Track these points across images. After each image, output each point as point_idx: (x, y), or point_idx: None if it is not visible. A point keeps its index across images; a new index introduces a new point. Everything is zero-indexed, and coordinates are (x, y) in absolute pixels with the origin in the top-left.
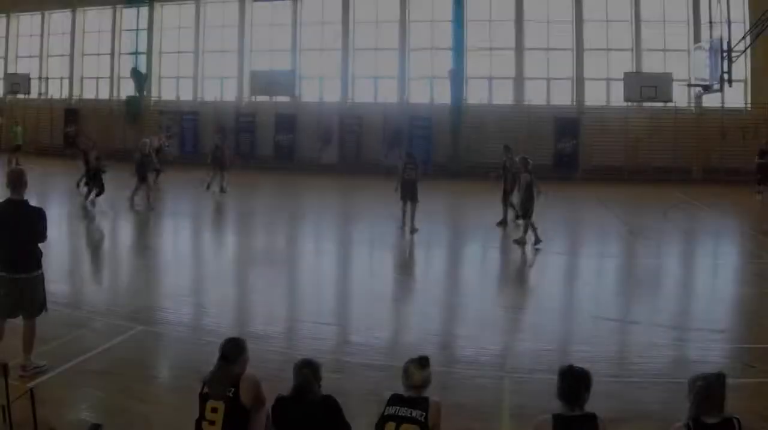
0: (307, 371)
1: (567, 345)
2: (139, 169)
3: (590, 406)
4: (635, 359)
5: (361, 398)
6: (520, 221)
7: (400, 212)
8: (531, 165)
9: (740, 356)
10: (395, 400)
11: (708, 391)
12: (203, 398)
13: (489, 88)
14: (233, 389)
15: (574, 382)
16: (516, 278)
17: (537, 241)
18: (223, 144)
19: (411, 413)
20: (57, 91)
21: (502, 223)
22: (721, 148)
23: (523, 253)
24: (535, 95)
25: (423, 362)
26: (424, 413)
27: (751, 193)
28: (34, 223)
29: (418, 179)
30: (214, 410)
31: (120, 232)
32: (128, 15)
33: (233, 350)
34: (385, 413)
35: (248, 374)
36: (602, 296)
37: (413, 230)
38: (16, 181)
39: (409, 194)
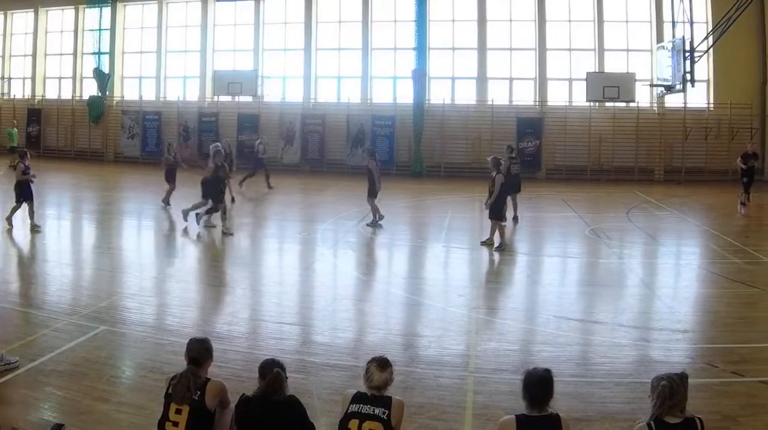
0: (279, 370)
1: (530, 345)
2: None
3: (554, 406)
4: (598, 359)
5: (324, 397)
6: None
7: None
8: (503, 165)
9: (703, 356)
10: (359, 398)
11: (671, 391)
12: (168, 399)
13: (452, 88)
14: (199, 393)
15: (537, 383)
16: (479, 279)
17: (500, 246)
18: (174, 155)
19: (374, 411)
20: (20, 91)
21: (515, 219)
22: (683, 148)
23: (490, 254)
24: (498, 95)
25: (382, 363)
26: (387, 411)
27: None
28: None
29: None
30: (178, 411)
31: (83, 233)
32: (91, 15)
33: (201, 353)
34: (349, 411)
35: (215, 381)
36: (565, 296)
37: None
38: None
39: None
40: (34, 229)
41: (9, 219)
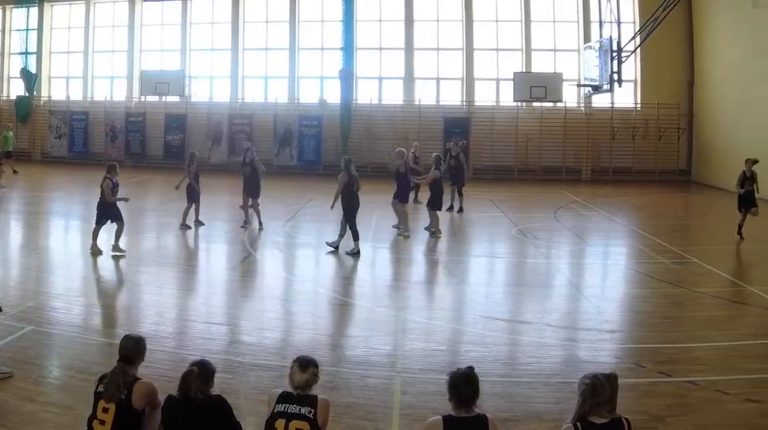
0: (192, 368)
1: (457, 346)
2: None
3: (481, 406)
4: (526, 359)
5: (251, 397)
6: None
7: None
8: (443, 164)
9: (630, 356)
10: (284, 397)
11: (593, 390)
12: (97, 396)
13: (379, 88)
14: (127, 392)
15: (463, 383)
16: (407, 279)
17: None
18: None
19: (300, 410)
20: None
21: (460, 210)
22: (610, 148)
23: (430, 253)
24: (425, 95)
25: (304, 363)
26: (313, 410)
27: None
28: None
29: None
30: (105, 410)
31: (9, 233)
32: (18, 15)
33: (133, 352)
34: (275, 411)
35: (144, 381)
36: (492, 296)
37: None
38: None
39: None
40: (118, 251)
41: (95, 243)
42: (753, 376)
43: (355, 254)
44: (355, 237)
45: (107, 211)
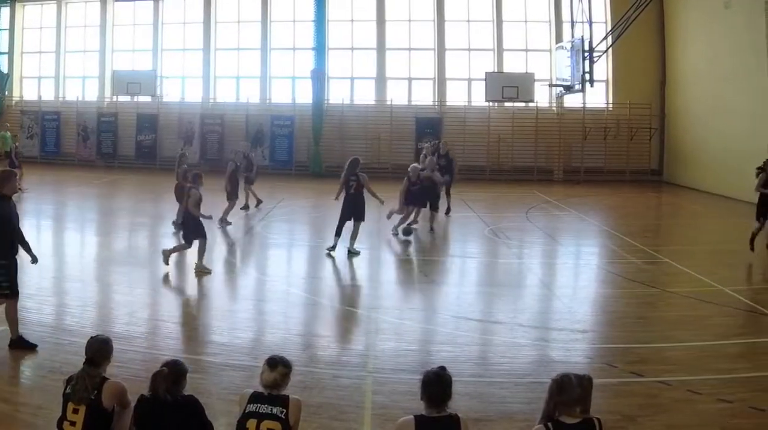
0: (163, 368)
1: (429, 345)
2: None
3: (453, 406)
4: (498, 359)
5: (223, 397)
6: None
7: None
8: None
9: (602, 356)
10: (256, 397)
11: (559, 388)
12: (66, 398)
13: (351, 88)
14: (96, 393)
15: (435, 383)
16: (378, 279)
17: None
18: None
19: (271, 410)
20: None
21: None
22: (582, 148)
23: (403, 253)
24: (397, 95)
25: (272, 362)
26: (285, 410)
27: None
28: None
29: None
30: (75, 411)
31: None
32: None
33: (98, 353)
34: (247, 411)
35: (113, 381)
36: (464, 296)
37: (353, 252)
38: None
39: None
40: (203, 269)
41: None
42: (725, 376)
43: (332, 250)
44: (337, 234)
45: (195, 227)
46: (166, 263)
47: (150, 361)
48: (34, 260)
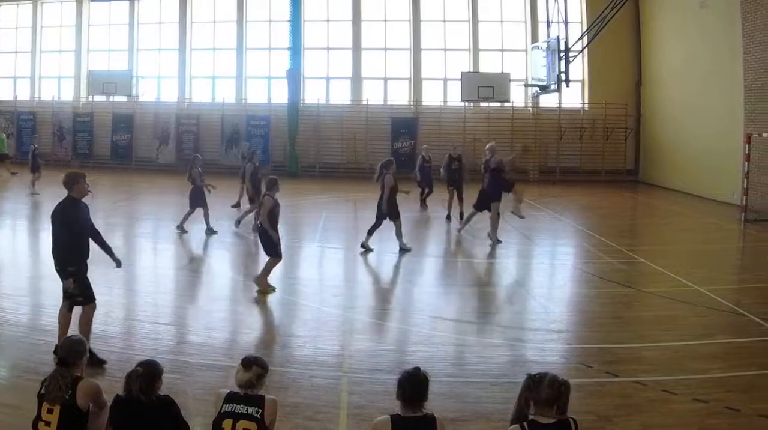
0: (137, 368)
1: (405, 346)
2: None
3: (429, 406)
4: (473, 359)
5: (198, 397)
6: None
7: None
8: (393, 168)
9: (578, 356)
10: (231, 397)
11: (528, 386)
12: (40, 399)
13: (326, 88)
14: (70, 392)
15: (413, 383)
16: (354, 279)
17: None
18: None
19: (247, 410)
20: None
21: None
22: (558, 148)
23: (378, 253)
24: (373, 95)
25: (247, 362)
26: (260, 410)
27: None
28: None
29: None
30: (50, 411)
31: None
32: None
33: (70, 354)
34: (222, 411)
35: (87, 380)
36: (440, 296)
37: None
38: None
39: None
40: (266, 287)
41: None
42: (700, 376)
43: (369, 250)
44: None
45: (267, 240)
46: (265, 291)
47: (125, 361)
48: (118, 264)
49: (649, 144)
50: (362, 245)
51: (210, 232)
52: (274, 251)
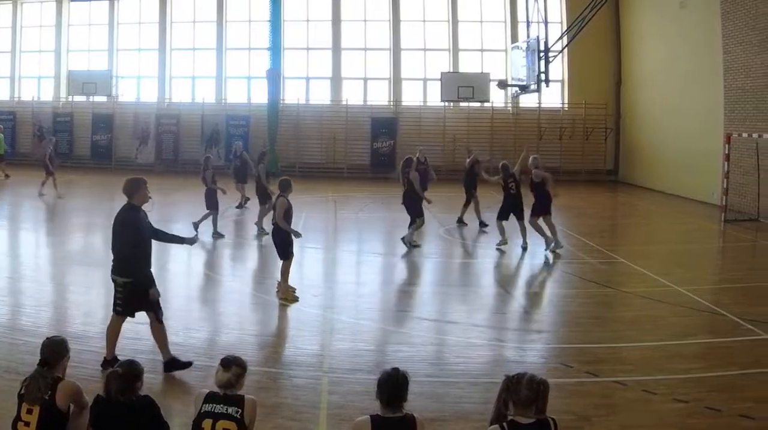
0: (115, 369)
1: (385, 346)
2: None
3: (409, 406)
4: (453, 359)
5: (178, 397)
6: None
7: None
8: (414, 165)
9: (557, 356)
10: (211, 397)
11: (506, 387)
12: (20, 399)
13: (306, 88)
14: (50, 393)
15: (392, 383)
16: (334, 279)
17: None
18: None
19: (227, 410)
20: None
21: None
22: (537, 147)
23: (358, 253)
24: (352, 95)
25: (226, 362)
26: (240, 410)
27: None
28: None
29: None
30: (29, 411)
31: None
32: None
33: (52, 355)
34: (202, 411)
35: (67, 381)
36: (420, 296)
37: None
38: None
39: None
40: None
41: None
42: (680, 376)
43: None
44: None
45: (281, 243)
46: (288, 298)
47: None
48: (191, 241)
49: (628, 144)
50: (406, 243)
51: (217, 235)
52: (287, 253)
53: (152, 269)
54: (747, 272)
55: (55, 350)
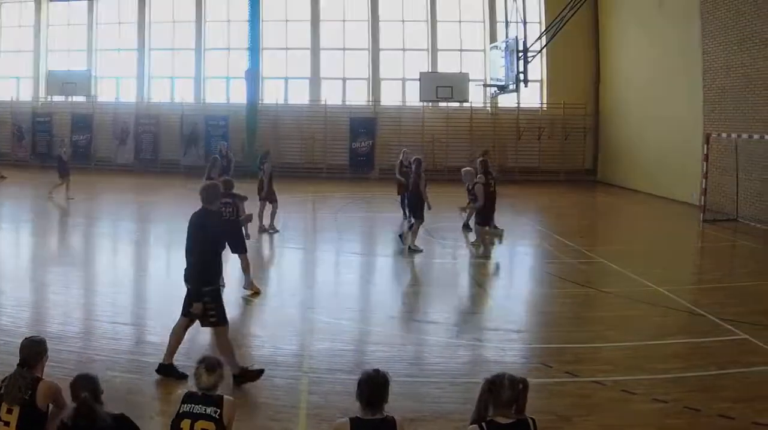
0: (86, 395)
1: (365, 345)
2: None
3: (389, 406)
4: (433, 359)
5: (157, 397)
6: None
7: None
8: (423, 166)
9: (537, 356)
10: (189, 397)
11: (489, 389)
12: (0, 399)
13: (285, 88)
14: (30, 393)
15: (373, 385)
16: (313, 278)
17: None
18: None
19: (205, 410)
20: None
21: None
22: (516, 147)
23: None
24: (331, 95)
25: (211, 366)
26: (219, 410)
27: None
28: None
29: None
30: (9, 411)
31: None
32: None
33: (31, 355)
34: (180, 411)
35: (47, 381)
36: (400, 296)
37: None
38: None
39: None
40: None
41: None
42: (659, 376)
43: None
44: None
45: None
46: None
47: (85, 361)
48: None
49: (607, 144)
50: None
51: (274, 230)
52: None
53: (132, 269)
54: (726, 272)
55: (34, 350)
